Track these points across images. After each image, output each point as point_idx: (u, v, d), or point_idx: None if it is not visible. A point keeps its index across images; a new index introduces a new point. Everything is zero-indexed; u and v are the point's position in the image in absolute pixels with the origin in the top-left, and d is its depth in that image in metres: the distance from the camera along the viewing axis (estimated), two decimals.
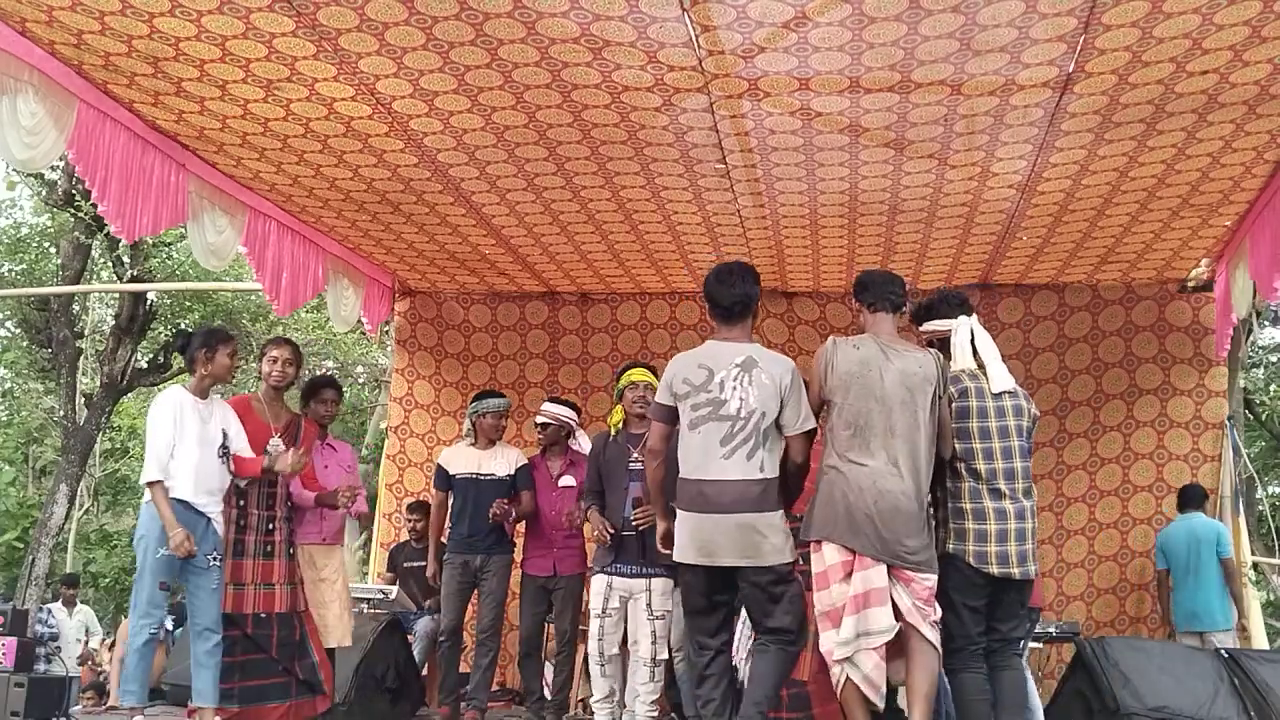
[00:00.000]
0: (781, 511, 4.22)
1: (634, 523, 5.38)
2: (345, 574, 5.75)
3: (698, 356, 4.34)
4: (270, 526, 5.30)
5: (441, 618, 6.34)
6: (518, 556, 6.44)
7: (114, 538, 21.02)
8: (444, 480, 6.38)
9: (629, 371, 5.72)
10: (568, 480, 6.29)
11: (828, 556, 4.17)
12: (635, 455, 5.49)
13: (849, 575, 4.13)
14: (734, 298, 4.37)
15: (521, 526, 6.44)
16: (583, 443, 6.52)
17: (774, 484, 4.20)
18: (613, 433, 5.70)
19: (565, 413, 6.39)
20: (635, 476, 5.48)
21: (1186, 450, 7.83)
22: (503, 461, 6.34)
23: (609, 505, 5.55)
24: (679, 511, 4.27)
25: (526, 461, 6.41)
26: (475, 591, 6.33)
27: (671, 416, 4.31)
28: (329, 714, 5.62)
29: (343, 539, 5.89)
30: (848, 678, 4.10)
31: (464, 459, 6.38)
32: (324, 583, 5.57)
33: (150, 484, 4.80)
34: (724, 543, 4.13)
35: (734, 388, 4.19)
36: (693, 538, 4.20)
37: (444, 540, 6.44)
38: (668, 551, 4.47)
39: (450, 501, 6.39)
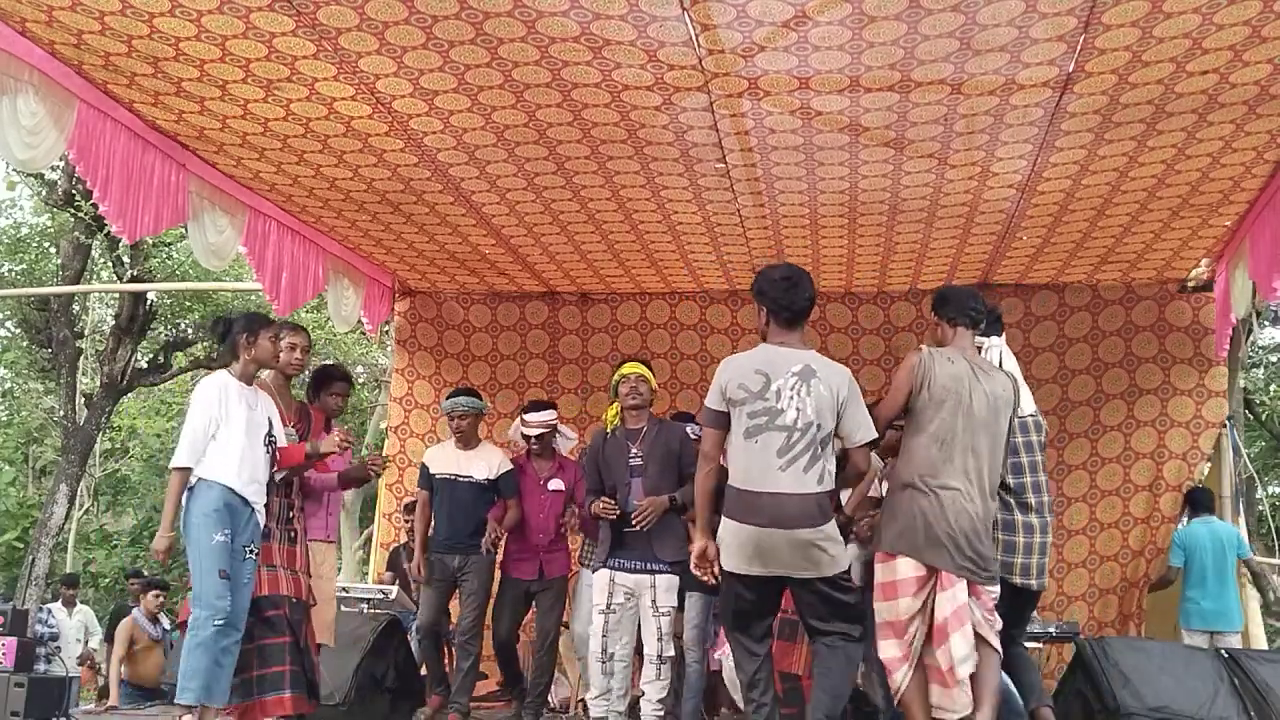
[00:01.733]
0: (834, 519, 4.20)
1: (635, 522, 5.36)
2: (335, 572, 5.76)
3: (754, 361, 4.21)
4: (290, 514, 5.19)
5: (419, 616, 6.27)
6: (500, 556, 6.36)
7: (114, 538, 21.02)
8: (426, 479, 6.30)
9: (622, 366, 5.72)
10: (556, 484, 6.22)
11: (901, 570, 4.18)
12: (634, 451, 5.47)
13: (920, 590, 4.18)
14: (803, 302, 4.24)
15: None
16: (565, 433, 6.49)
17: (830, 495, 4.16)
18: (609, 429, 5.66)
19: (549, 417, 6.28)
20: (636, 472, 5.45)
21: (1186, 449, 7.83)
22: (483, 464, 6.21)
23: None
24: (731, 522, 4.14)
25: (511, 467, 6.28)
26: (455, 592, 6.23)
27: (724, 422, 4.19)
28: (329, 714, 5.62)
29: (338, 537, 5.89)
30: (909, 680, 4.16)
31: (444, 459, 6.27)
32: (322, 580, 5.50)
33: (178, 469, 4.68)
34: (783, 557, 4.07)
35: (791, 397, 4.09)
36: (747, 548, 4.10)
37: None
38: (704, 576, 4.33)
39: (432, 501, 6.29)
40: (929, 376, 4.26)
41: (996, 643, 4.24)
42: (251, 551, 4.76)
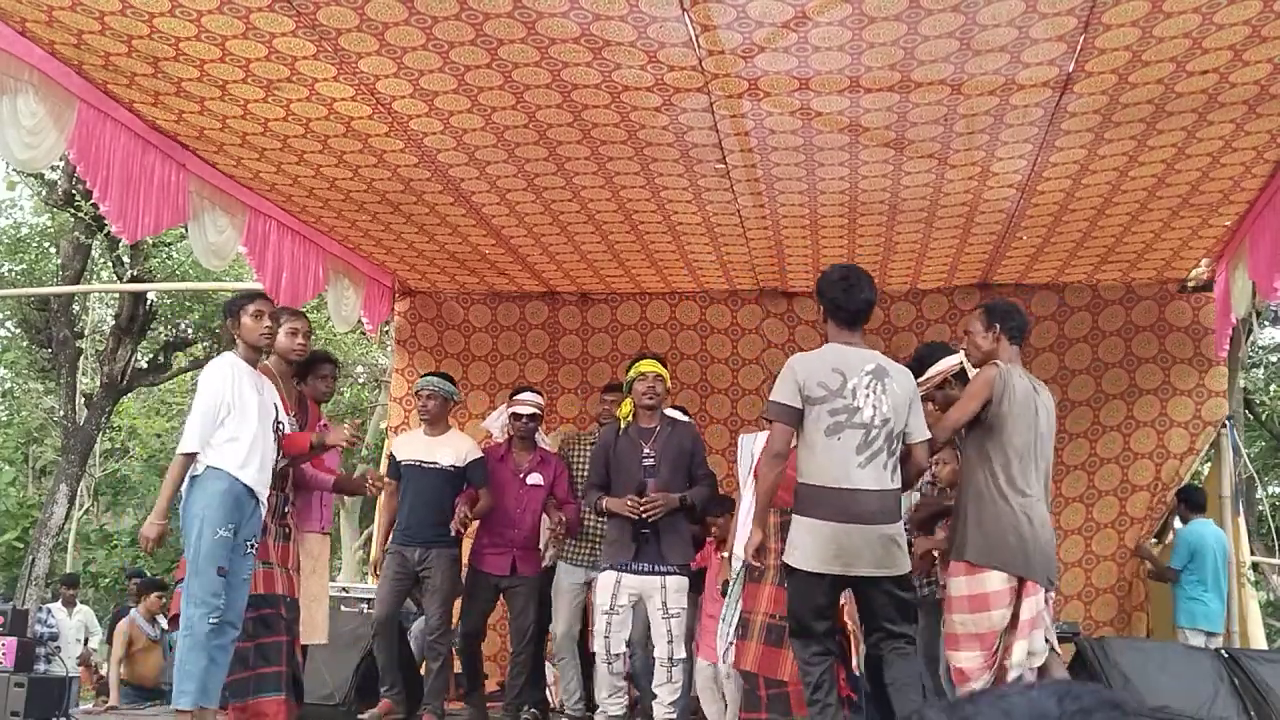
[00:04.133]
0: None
1: (643, 514, 5.31)
2: (326, 566, 5.56)
3: (827, 360, 4.26)
4: (286, 509, 5.02)
5: (375, 609, 5.97)
6: (473, 552, 6.19)
7: (114, 538, 21.02)
8: (394, 469, 6.06)
9: (639, 363, 5.65)
10: (536, 479, 6.06)
11: (992, 583, 4.28)
12: (647, 450, 5.44)
13: (1011, 601, 4.29)
14: (860, 303, 4.33)
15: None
16: (544, 439, 6.39)
17: (900, 493, 4.26)
18: (622, 425, 5.60)
19: (540, 400, 6.20)
20: (650, 473, 5.41)
21: (1184, 450, 7.83)
22: (451, 450, 5.96)
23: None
24: (810, 520, 4.15)
25: (481, 455, 6.09)
26: (419, 587, 5.99)
27: (798, 419, 4.21)
28: (329, 714, 5.61)
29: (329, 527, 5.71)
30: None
31: (411, 445, 6.06)
32: (315, 575, 5.31)
33: (185, 454, 4.41)
34: (865, 553, 4.10)
35: (867, 395, 4.16)
36: (828, 547, 4.11)
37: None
38: (758, 564, 4.41)
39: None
40: (1009, 390, 4.36)
41: (1055, 644, 4.51)
42: (252, 546, 4.57)
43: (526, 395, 6.21)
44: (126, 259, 15.04)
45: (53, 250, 16.78)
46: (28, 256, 17.21)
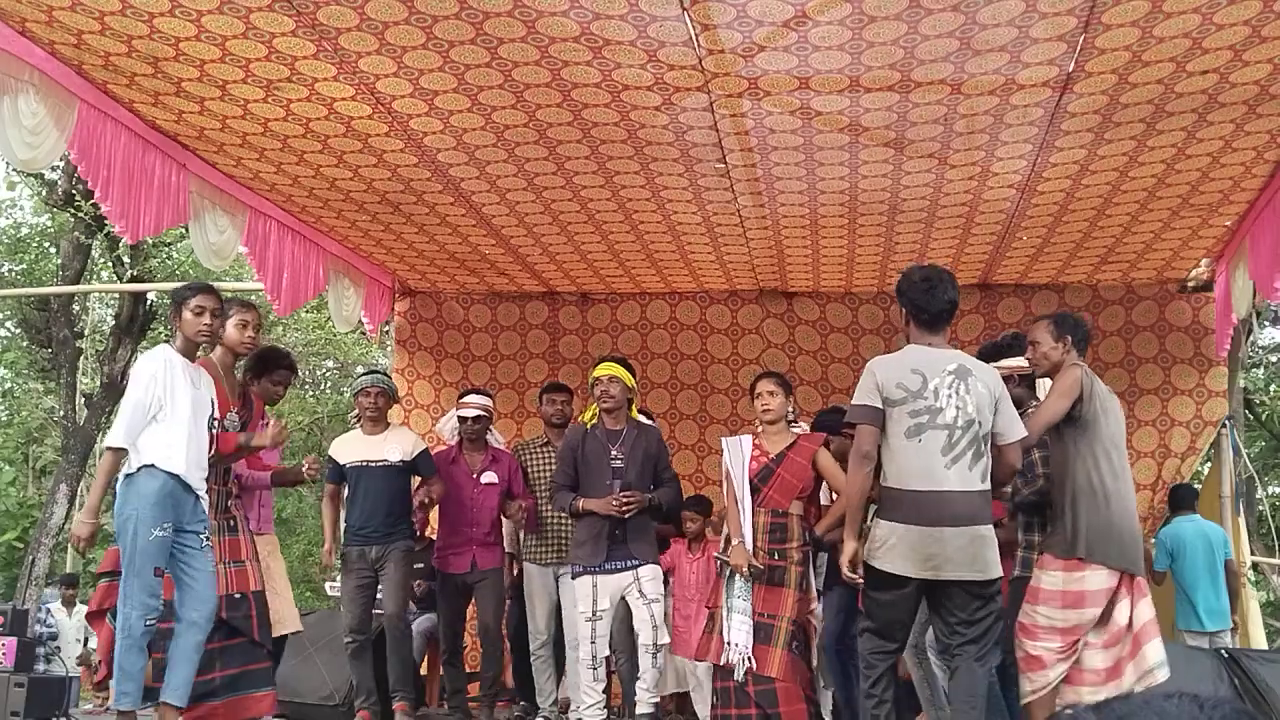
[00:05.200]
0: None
1: (623, 511, 5.34)
2: (281, 560, 5.57)
3: (907, 362, 4.23)
4: (228, 503, 4.88)
5: (344, 618, 5.92)
6: (437, 558, 6.25)
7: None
8: (335, 472, 5.97)
9: (598, 366, 5.68)
10: (490, 477, 6.09)
11: (1095, 580, 4.25)
12: (615, 453, 5.47)
13: (1107, 599, 4.27)
14: (942, 304, 4.27)
15: (433, 518, 6.15)
16: (496, 435, 6.44)
17: (990, 494, 4.20)
18: (588, 426, 5.62)
19: (487, 402, 6.24)
20: (618, 474, 5.44)
21: (1185, 449, 7.84)
22: (395, 446, 5.93)
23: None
24: (894, 524, 4.10)
25: (426, 446, 6.11)
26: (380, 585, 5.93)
27: (881, 419, 4.16)
28: (329, 714, 5.61)
29: (272, 528, 5.67)
30: (1047, 687, 4.27)
31: (352, 447, 5.99)
32: (269, 570, 5.19)
33: (113, 449, 4.27)
34: (954, 556, 4.04)
35: (949, 395, 4.12)
36: (918, 550, 4.06)
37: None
38: (854, 576, 4.25)
39: (344, 493, 6.02)
40: (1096, 389, 4.41)
41: None
42: (205, 539, 4.45)
43: (472, 398, 6.26)
44: (127, 259, 15.05)
45: (53, 250, 16.79)
46: (28, 256, 17.22)
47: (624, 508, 5.34)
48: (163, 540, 4.28)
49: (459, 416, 6.21)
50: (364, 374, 6.34)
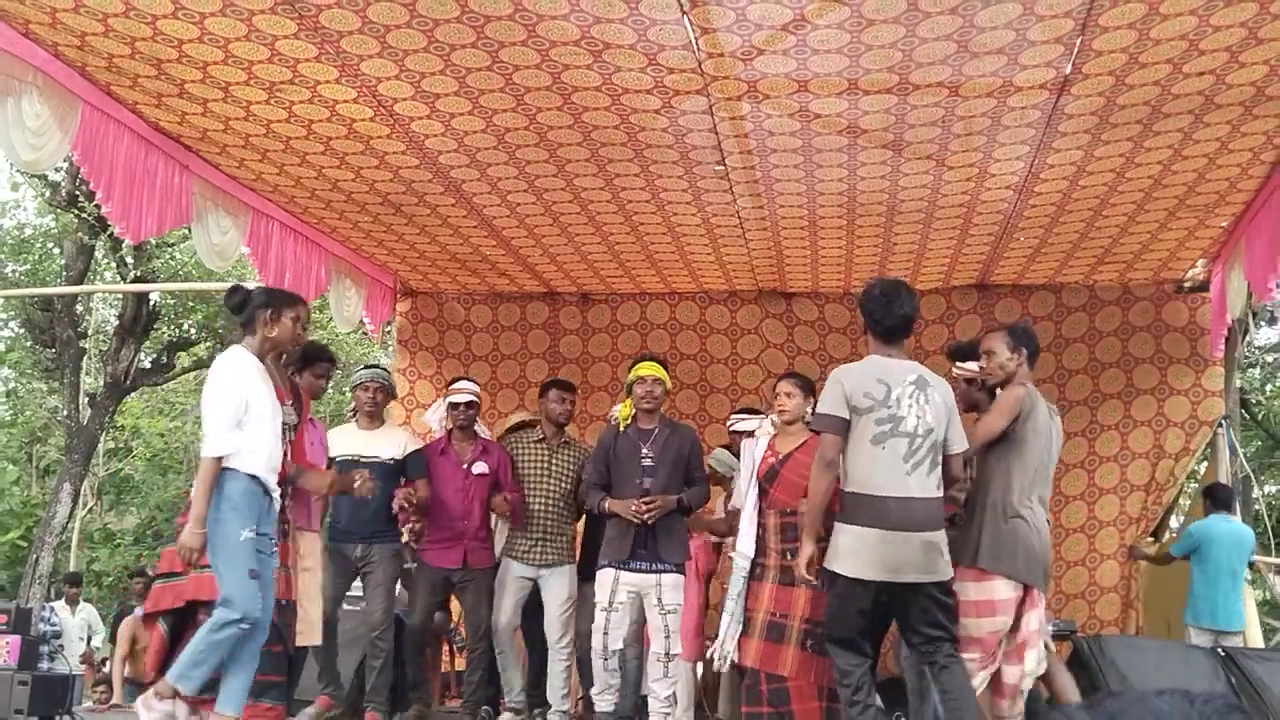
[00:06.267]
0: None
1: (645, 517, 5.36)
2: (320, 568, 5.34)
3: (871, 371, 4.39)
4: (282, 504, 4.69)
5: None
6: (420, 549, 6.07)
7: (117, 537, 21.07)
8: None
9: (639, 365, 5.67)
10: (481, 467, 5.96)
11: (1000, 590, 4.45)
12: (645, 451, 5.49)
13: (1014, 609, 4.46)
14: (898, 318, 4.45)
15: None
16: (482, 430, 6.33)
17: (942, 501, 4.38)
18: (622, 426, 5.63)
19: (477, 389, 6.15)
20: (649, 473, 5.46)
21: (1180, 449, 7.85)
22: (388, 443, 5.87)
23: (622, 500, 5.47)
24: (858, 528, 4.25)
25: (419, 446, 6.04)
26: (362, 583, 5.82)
27: (845, 429, 4.32)
28: (329, 713, 5.61)
29: (320, 524, 5.53)
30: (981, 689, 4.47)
31: (346, 440, 5.86)
32: (308, 572, 5.08)
33: (216, 458, 4.14)
34: (910, 560, 4.22)
35: (910, 405, 4.29)
36: (877, 553, 4.22)
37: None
38: (814, 581, 4.45)
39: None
40: (1034, 410, 4.54)
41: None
42: (275, 543, 4.39)
43: (462, 384, 6.19)
44: (130, 260, 15.08)
45: (56, 251, 16.81)
46: (32, 257, 17.24)
47: (644, 514, 5.37)
48: (252, 542, 4.18)
49: (450, 403, 6.09)
50: (364, 369, 6.34)
